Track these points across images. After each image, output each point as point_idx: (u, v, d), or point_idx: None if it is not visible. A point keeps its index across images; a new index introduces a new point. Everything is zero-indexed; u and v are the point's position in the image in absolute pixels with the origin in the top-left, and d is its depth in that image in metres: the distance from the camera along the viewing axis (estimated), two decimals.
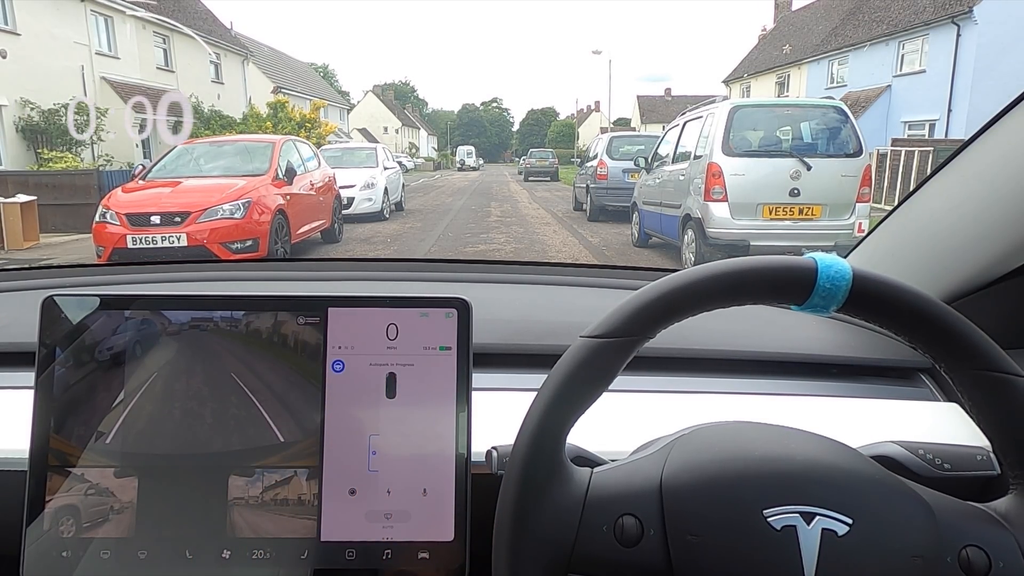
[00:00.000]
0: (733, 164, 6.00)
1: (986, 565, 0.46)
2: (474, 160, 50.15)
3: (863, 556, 0.45)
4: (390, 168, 12.13)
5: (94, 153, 15.14)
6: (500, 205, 14.97)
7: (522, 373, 0.78)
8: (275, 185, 7.16)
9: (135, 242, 6.09)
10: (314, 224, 8.15)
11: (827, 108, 6.36)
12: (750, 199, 5.96)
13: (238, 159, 7.64)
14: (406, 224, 10.95)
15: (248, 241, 6.33)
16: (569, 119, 70.99)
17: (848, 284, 0.46)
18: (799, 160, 5.97)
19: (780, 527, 0.46)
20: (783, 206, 5.96)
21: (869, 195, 6.10)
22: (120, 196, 6.64)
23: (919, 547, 0.46)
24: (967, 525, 0.48)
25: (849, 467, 0.50)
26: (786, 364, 0.84)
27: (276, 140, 7.96)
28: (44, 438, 0.56)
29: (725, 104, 6.40)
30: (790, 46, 27.71)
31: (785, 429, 0.55)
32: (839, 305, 0.47)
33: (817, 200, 5.95)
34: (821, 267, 0.47)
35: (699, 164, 6.30)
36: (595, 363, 0.48)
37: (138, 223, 6.14)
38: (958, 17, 18.06)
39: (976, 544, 0.47)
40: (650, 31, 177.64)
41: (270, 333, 0.58)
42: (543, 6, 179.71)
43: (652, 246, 8.16)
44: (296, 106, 22.25)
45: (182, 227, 6.14)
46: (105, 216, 6.27)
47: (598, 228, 10.11)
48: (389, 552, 0.56)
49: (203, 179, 7.12)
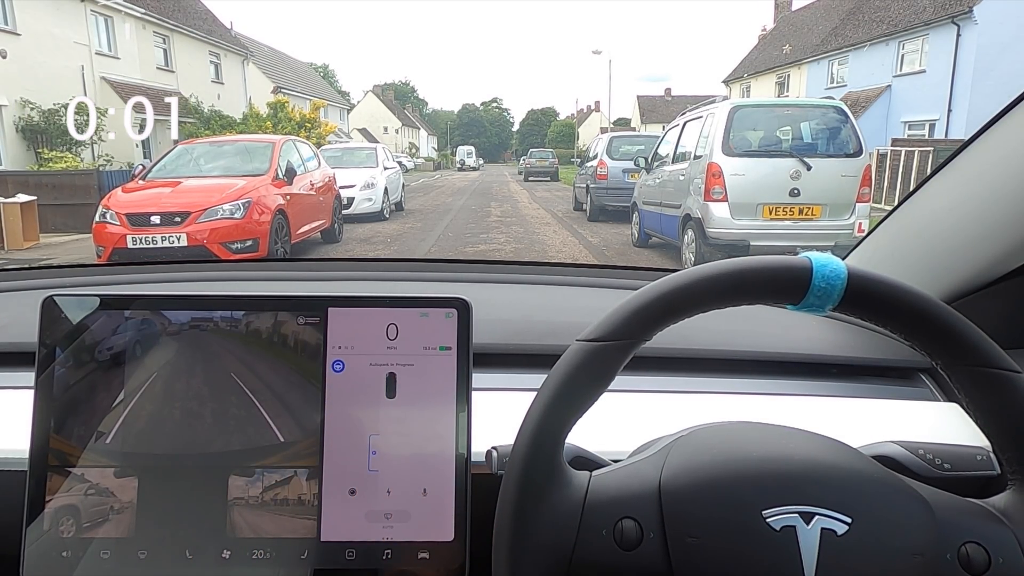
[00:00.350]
0: (733, 164, 5.99)
1: (986, 561, 0.46)
2: (474, 160, 50.20)
3: (863, 555, 0.45)
4: (390, 168, 12.14)
5: (94, 153, 15.14)
6: (500, 205, 14.97)
7: (522, 373, 0.78)
8: (275, 185, 7.16)
9: (135, 242, 6.10)
10: (314, 224, 8.15)
11: (827, 108, 6.36)
12: (750, 199, 5.95)
13: (238, 159, 7.65)
14: (406, 224, 10.95)
15: (248, 241, 6.33)
16: (569, 119, 71.00)
17: (843, 283, 0.46)
18: (799, 160, 5.96)
19: (779, 527, 0.46)
20: (783, 206, 5.96)
21: (869, 195, 6.10)
22: (120, 196, 6.65)
23: (919, 545, 0.46)
24: (966, 522, 0.48)
25: (847, 466, 0.50)
26: (786, 364, 0.84)
27: (276, 140, 7.96)
28: (44, 438, 0.56)
29: (725, 104, 6.40)
30: (790, 46, 27.71)
31: (783, 428, 0.55)
32: (835, 304, 0.47)
33: (817, 200, 5.94)
34: (816, 266, 0.47)
35: (699, 164, 6.30)
36: (592, 367, 0.48)
37: (138, 223, 6.15)
38: (958, 17, 18.02)
39: (976, 541, 0.47)
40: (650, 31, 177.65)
41: (270, 333, 0.58)
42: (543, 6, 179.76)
43: (652, 246, 8.16)
44: (296, 106, 22.24)
45: (182, 227, 6.14)
46: (105, 216, 6.27)
47: (598, 228, 10.11)
48: (389, 552, 0.56)
49: (203, 179, 7.12)
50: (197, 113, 19.14)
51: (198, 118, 18.93)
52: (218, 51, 23.37)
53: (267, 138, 8.98)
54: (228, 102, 21.94)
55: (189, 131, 17.99)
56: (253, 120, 20.09)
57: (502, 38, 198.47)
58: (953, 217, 0.81)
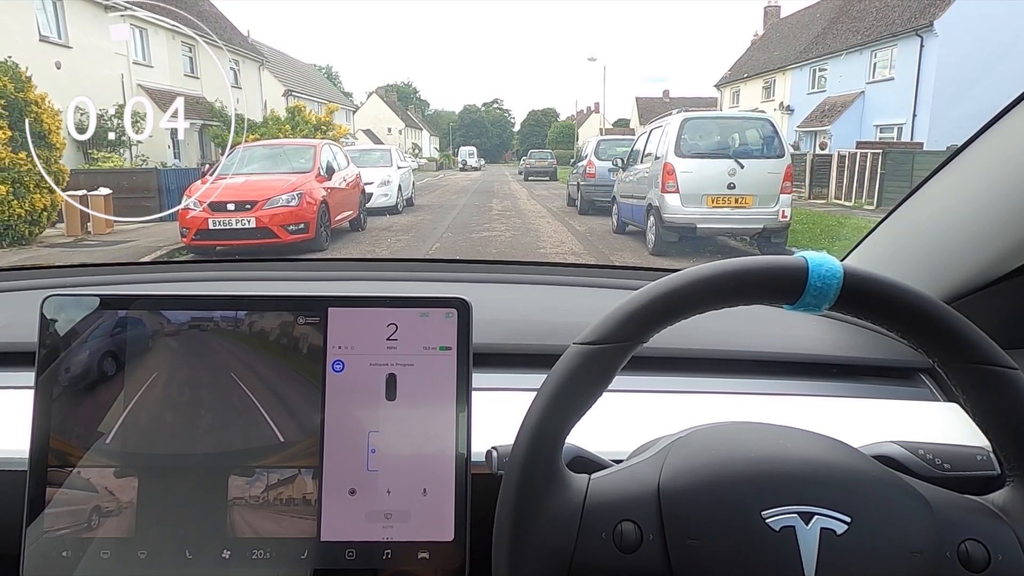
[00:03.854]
0: (683, 163, 7.56)
1: (985, 559, 0.46)
2: (476, 160, 50.54)
3: (862, 554, 0.45)
4: (403, 167, 13.63)
5: (132, 154, 16.73)
6: (501, 201, 15.97)
7: (522, 373, 0.77)
8: (318, 180, 8.75)
9: (215, 224, 7.62)
10: (346, 214, 9.61)
11: (758, 119, 8.27)
12: (696, 191, 7.45)
13: (287, 159, 9.33)
14: (418, 217, 12.20)
15: (301, 224, 7.82)
16: (569, 120, 71.08)
17: (839, 282, 0.46)
18: (735, 160, 7.56)
19: (779, 528, 0.45)
20: (722, 196, 7.49)
21: (791, 188, 7.75)
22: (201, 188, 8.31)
23: (918, 543, 0.46)
24: (965, 519, 0.48)
25: (846, 465, 0.50)
26: (786, 364, 0.84)
27: (317, 144, 9.64)
28: (44, 438, 0.56)
29: (678, 116, 8.12)
30: (777, 52, 29.13)
31: (780, 428, 0.54)
32: (831, 303, 0.47)
33: (749, 192, 7.48)
34: (812, 266, 0.47)
35: (658, 164, 7.80)
36: (590, 369, 0.48)
37: (217, 209, 7.66)
38: (921, 30, 19.62)
39: (975, 538, 0.47)
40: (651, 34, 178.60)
41: (270, 333, 0.58)
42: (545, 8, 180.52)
43: (628, 233, 9.67)
44: (312, 110, 23.71)
45: (251, 212, 7.67)
46: (188, 204, 7.89)
47: (586, 220, 11.45)
48: (389, 552, 0.56)
49: (263, 175, 8.75)
50: (221, 117, 20.63)
51: (222, 121, 20.42)
52: (237, 58, 24.84)
53: (309, 142, 10.75)
54: (246, 105, 23.51)
55: (214, 133, 19.58)
56: (273, 123, 21.52)
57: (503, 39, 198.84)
58: (952, 217, 0.80)
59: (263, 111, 23.54)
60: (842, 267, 0.47)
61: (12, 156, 8.30)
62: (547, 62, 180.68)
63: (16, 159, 8.34)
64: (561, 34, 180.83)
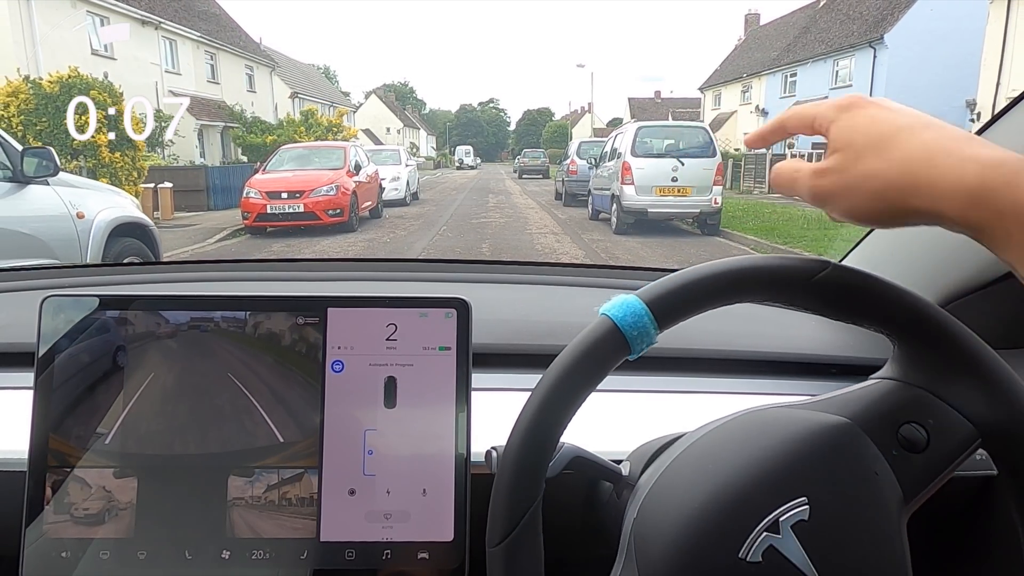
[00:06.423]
0: (638, 162, 9.82)
1: (923, 432, 0.47)
2: (472, 159, 51.54)
3: (839, 513, 0.45)
4: (410, 165, 15.92)
5: (164, 154, 18.84)
6: (496, 196, 18.67)
7: (521, 373, 0.77)
8: (348, 175, 10.86)
9: (272, 208, 9.81)
10: (368, 203, 11.67)
11: (696, 128, 10.68)
12: (648, 183, 9.70)
13: (322, 157, 11.52)
14: (424, 208, 14.62)
15: (338, 210, 9.96)
16: (564, 120, 72.12)
17: (647, 311, 0.46)
18: (678, 160, 9.85)
19: (761, 556, 0.44)
20: (668, 187, 9.76)
21: (722, 180, 10.05)
22: (258, 179, 10.53)
23: (866, 467, 0.46)
24: (886, 411, 0.48)
25: (770, 456, 0.47)
26: (786, 364, 0.84)
27: (345, 145, 11.97)
28: (43, 438, 0.55)
29: (634, 124, 10.74)
30: (754, 58, 30.81)
31: (707, 452, 0.50)
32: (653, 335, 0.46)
33: (689, 184, 9.74)
34: (615, 317, 0.46)
35: (619, 161, 10.09)
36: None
37: (273, 196, 9.89)
38: (873, 42, 22.23)
39: (904, 422, 0.47)
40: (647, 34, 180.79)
41: (270, 333, 0.58)
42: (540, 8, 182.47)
43: (601, 220, 11.80)
44: (323, 112, 25.73)
45: (300, 200, 9.84)
46: (249, 193, 10.02)
47: (568, 210, 13.89)
48: (389, 552, 0.56)
49: (305, 171, 10.92)
50: (241, 120, 22.73)
51: (241, 123, 22.53)
52: (251, 64, 26.99)
53: (339, 144, 13.27)
54: (259, 109, 25.59)
55: (235, 135, 21.80)
56: (288, 126, 23.51)
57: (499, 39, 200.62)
58: None
59: (275, 113, 25.62)
60: (637, 299, 0.46)
61: (111, 156, 10.46)
62: (543, 62, 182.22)
63: (113, 158, 10.50)
64: (557, 34, 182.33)
